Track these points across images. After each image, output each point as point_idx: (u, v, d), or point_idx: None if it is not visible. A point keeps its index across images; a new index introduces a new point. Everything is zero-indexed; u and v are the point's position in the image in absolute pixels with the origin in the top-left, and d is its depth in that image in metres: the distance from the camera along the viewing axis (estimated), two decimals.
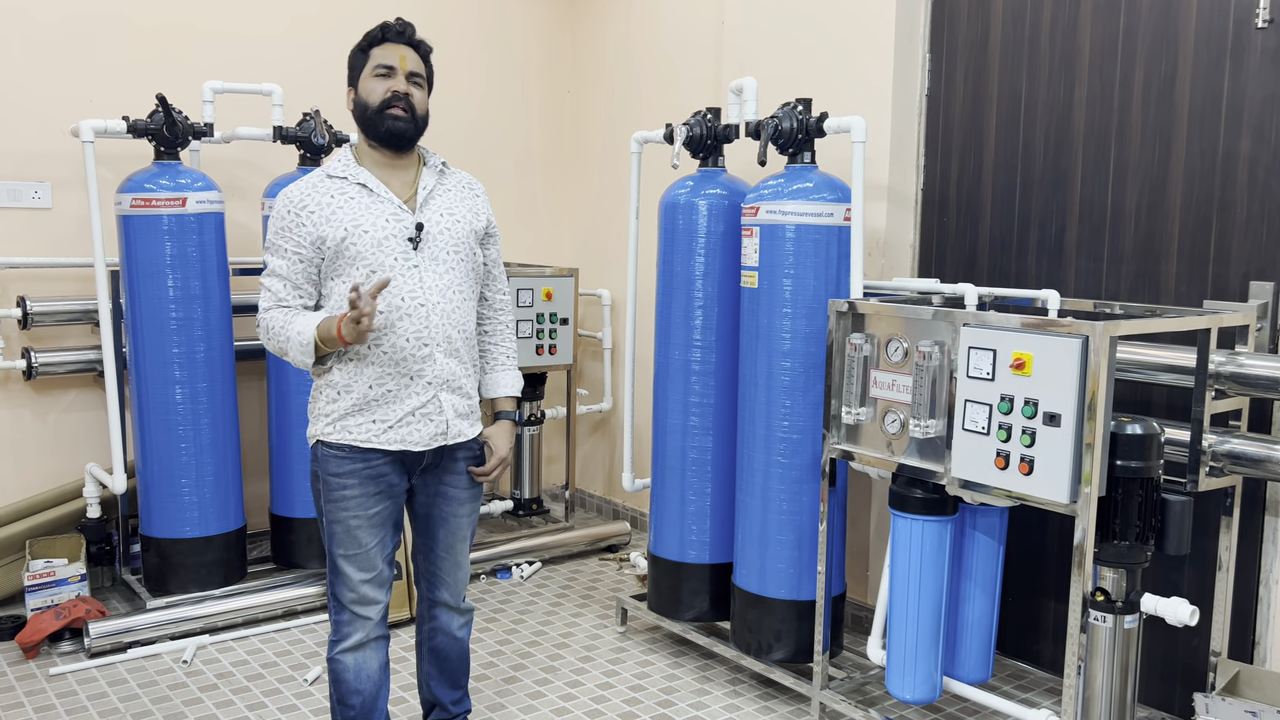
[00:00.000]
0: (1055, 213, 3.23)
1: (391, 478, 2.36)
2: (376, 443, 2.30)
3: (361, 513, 2.33)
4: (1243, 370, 2.57)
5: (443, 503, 2.46)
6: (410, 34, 2.37)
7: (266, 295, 2.31)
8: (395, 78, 2.31)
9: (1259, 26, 2.75)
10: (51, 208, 3.93)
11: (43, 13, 3.85)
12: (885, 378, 2.75)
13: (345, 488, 2.32)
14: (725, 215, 3.28)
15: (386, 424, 2.30)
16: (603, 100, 4.96)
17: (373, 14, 4.54)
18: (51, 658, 3.41)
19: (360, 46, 2.36)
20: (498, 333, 2.56)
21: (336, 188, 2.30)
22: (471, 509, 2.51)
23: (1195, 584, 2.93)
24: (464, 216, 2.39)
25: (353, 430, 2.31)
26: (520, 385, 2.57)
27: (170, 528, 3.65)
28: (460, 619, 2.59)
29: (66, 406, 4.01)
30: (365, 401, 2.30)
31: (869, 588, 3.72)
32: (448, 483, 2.45)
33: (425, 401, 2.32)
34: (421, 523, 2.50)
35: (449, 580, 2.53)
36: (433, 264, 2.31)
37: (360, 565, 2.36)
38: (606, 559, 4.49)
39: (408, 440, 2.32)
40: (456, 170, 2.47)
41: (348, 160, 2.35)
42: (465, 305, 2.38)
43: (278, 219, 2.30)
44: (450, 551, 2.50)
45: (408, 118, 2.31)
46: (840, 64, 3.64)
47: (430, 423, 2.34)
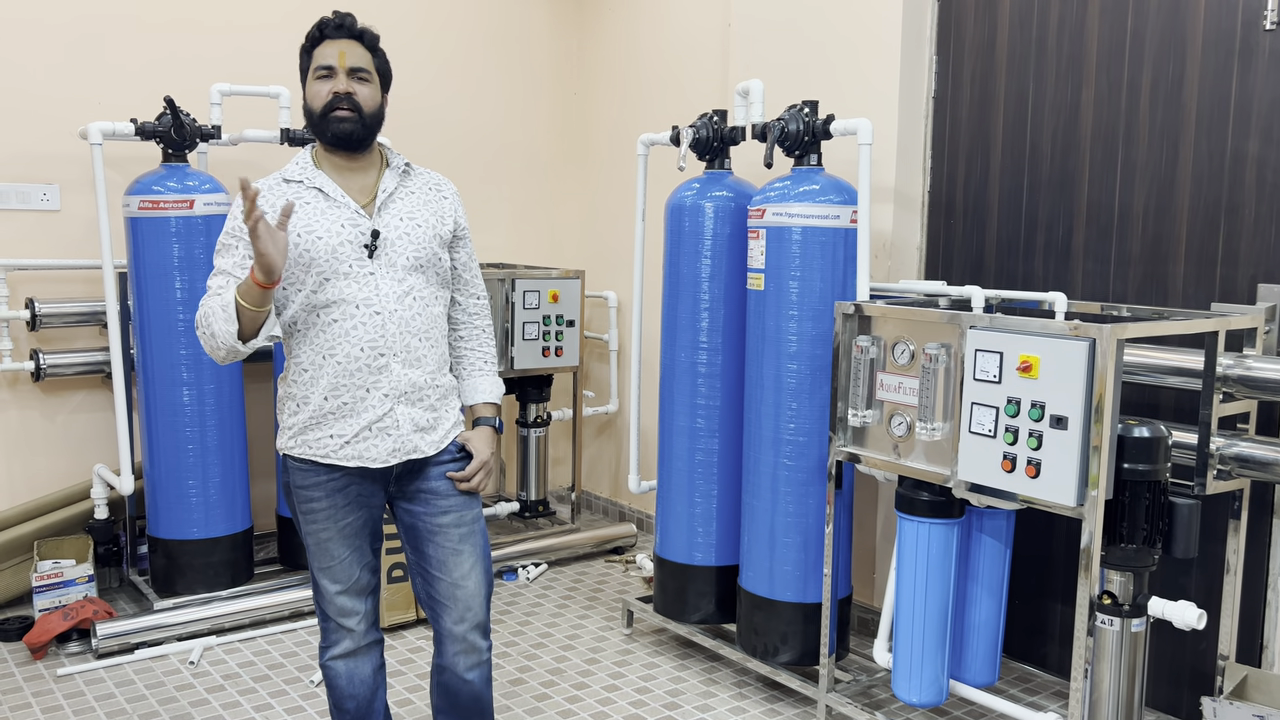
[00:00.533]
0: (1062, 215, 3.23)
1: (360, 489, 2.24)
2: (334, 458, 2.18)
3: (331, 525, 2.23)
4: (1251, 373, 2.56)
5: (424, 512, 2.28)
6: (350, 26, 2.22)
7: (206, 295, 2.16)
8: (335, 77, 2.18)
9: (1267, 28, 2.75)
10: (60, 210, 3.94)
11: (51, 16, 3.86)
12: (892, 380, 2.75)
13: (313, 500, 2.22)
14: (731, 217, 3.28)
15: (343, 439, 2.18)
16: (609, 102, 4.96)
17: (380, 17, 4.55)
18: (59, 658, 3.42)
19: (304, 47, 2.24)
20: (473, 338, 2.41)
21: (292, 192, 2.20)
22: (458, 519, 2.28)
23: (1203, 587, 2.92)
24: (426, 220, 2.25)
25: (312, 445, 2.19)
26: (500, 391, 2.42)
27: (177, 529, 3.66)
28: (468, 658, 2.30)
29: (74, 408, 4.03)
30: (322, 414, 2.18)
31: (875, 590, 3.72)
32: (427, 489, 2.28)
33: (381, 415, 2.18)
34: (411, 536, 2.32)
35: (447, 605, 2.28)
36: (390, 270, 2.18)
37: (335, 577, 2.26)
38: (612, 561, 4.49)
39: (365, 456, 2.19)
40: (424, 171, 2.35)
41: (306, 163, 2.23)
42: (427, 312, 2.23)
43: (231, 219, 2.20)
44: (443, 569, 2.27)
45: (354, 118, 2.18)
46: (847, 66, 3.63)
47: (388, 438, 2.19)
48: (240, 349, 2.10)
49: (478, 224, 4.95)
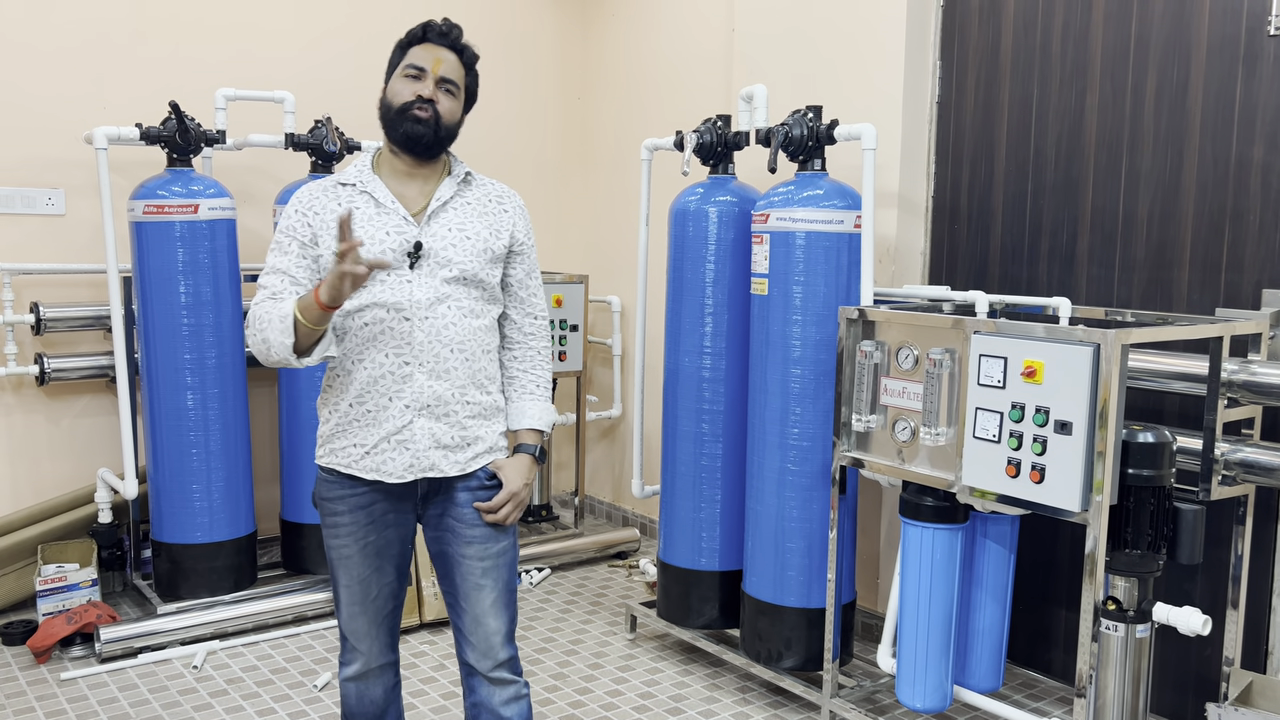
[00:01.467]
0: (1067, 220, 3.22)
1: (387, 507, 2.15)
2: (355, 469, 2.11)
3: (353, 541, 2.15)
4: (1255, 378, 2.56)
5: (452, 539, 2.18)
6: (454, 37, 2.16)
7: (260, 293, 2.11)
8: (424, 81, 2.12)
9: (1272, 33, 2.74)
10: (65, 214, 3.95)
11: (56, 21, 3.88)
12: (896, 385, 2.75)
13: (336, 513, 2.15)
14: (735, 222, 3.28)
15: (364, 448, 2.11)
16: (613, 107, 4.97)
17: (385, 21, 4.56)
18: (63, 662, 3.42)
19: (400, 44, 2.18)
20: (527, 359, 2.28)
21: (345, 196, 2.15)
22: (482, 552, 2.17)
23: (1208, 593, 2.92)
24: (478, 233, 2.16)
25: (338, 454, 2.13)
26: (550, 419, 2.28)
27: (181, 533, 3.66)
28: (502, 692, 2.19)
29: (79, 412, 4.03)
30: (347, 421, 2.11)
31: (879, 596, 3.71)
32: (454, 516, 2.18)
33: (400, 427, 2.10)
34: (439, 563, 2.23)
35: (470, 639, 2.19)
36: (428, 279, 2.10)
37: (352, 596, 2.18)
38: (616, 566, 4.49)
39: (381, 469, 2.11)
40: (488, 181, 2.25)
41: (363, 167, 2.18)
42: (464, 323, 2.13)
43: (285, 218, 2.15)
44: (466, 601, 2.17)
45: (429, 123, 2.10)
46: (851, 71, 3.64)
47: (405, 451, 2.10)
48: (294, 362, 2.04)
49: None
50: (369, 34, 4.53)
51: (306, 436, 3.88)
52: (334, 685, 3.28)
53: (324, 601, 3.77)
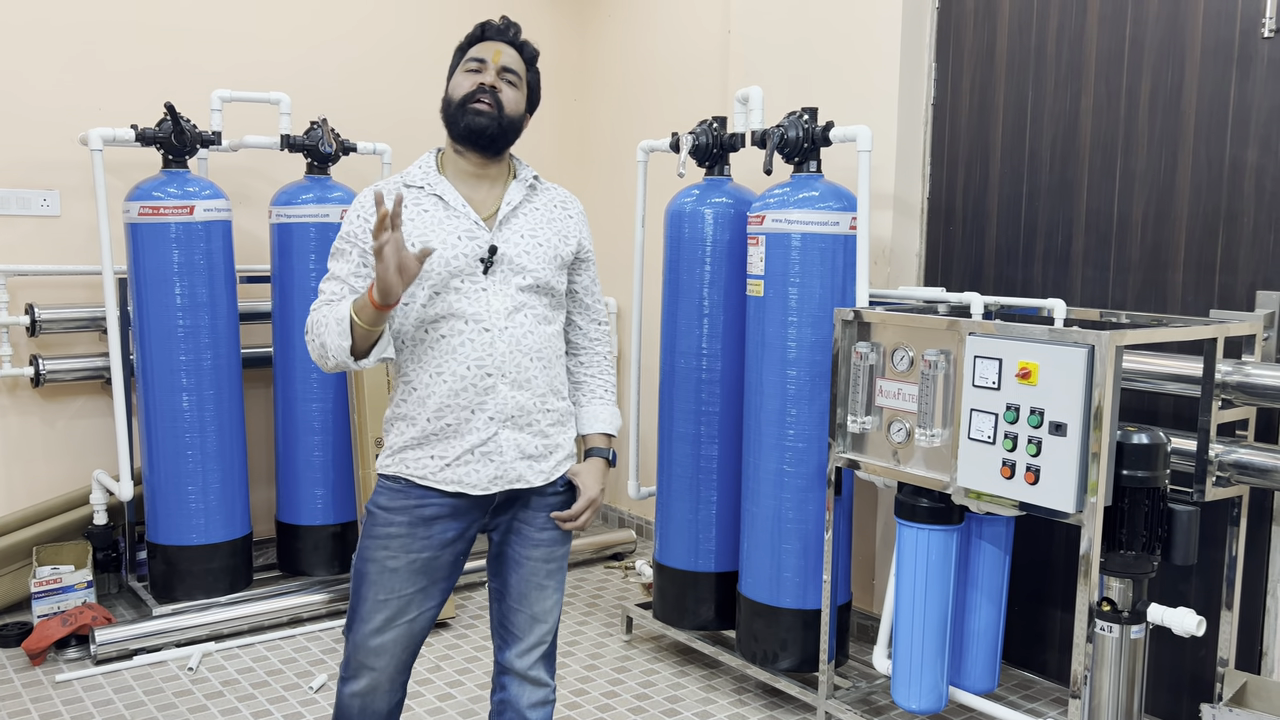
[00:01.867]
0: (1061, 222, 3.23)
1: (446, 527, 2.10)
2: (432, 480, 2.06)
3: (402, 554, 2.08)
4: (1250, 380, 2.56)
5: (517, 540, 2.16)
6: (513, 33, 2.13)
7: (319, 299, 2.07)
8: (485, 71, 2.08)
9: (1265, 36, 2.75)
10: (60, 215, 3.95)
11: (53, 22, 3.87)
12: (891, 386, 2.75)
13: (391, 524, 2.08)
14: (731, 224, 3.28)
15: (444, 460, 2.05)
16: (609, 109, 4.97)
17: (382, 24, 4.56)
18: (58, 664, 3.41)
19: (459, 46, 2.16)
20: (593, 364, 2.28)
21: (412, 198, 2.09)
22: (549, 554, 2.17)
23: (1202, 594, 2.93)
24: (548, 240, 2.13)
25: (410, 464, 2.07)
26: (618, 422, 2.28)
27: (177, 535, 3.65)
28: (532, 693, 2.20)
29: (74, 413, 4.03)
30: (425, 435, 2.06)
31: (875, 597, 3.72)
32: (524, 519, 2.16)
33: (485, 439, 2.06)
34: (496, 562, 2.21)
35: (519, 636, 2.18)
36: (503, 287, 2.06)
37: (386, 612, 2.09)
38: (612, 567, 4.49)
39: (464, 481, 2.06)
40: (551, 186, 2.23)
41: (429, 168, 2.12)
42: (540, 331, 2.10)
43: (347, 223, 2.10)
44: (523, 601, 2.17)
45: (492, 113, 2.05)
46: (846, 73, 3.64)
47: (490, 463, 2.07)
48: (352, 365, 2.01)
49: None
50: (366, 36, 4.53)
51: (302, 438, 3.88)
52: (330, 688, 3.28)
53: (320, 603, 3.77)
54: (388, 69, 4.59)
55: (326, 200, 3.81)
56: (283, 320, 3.87)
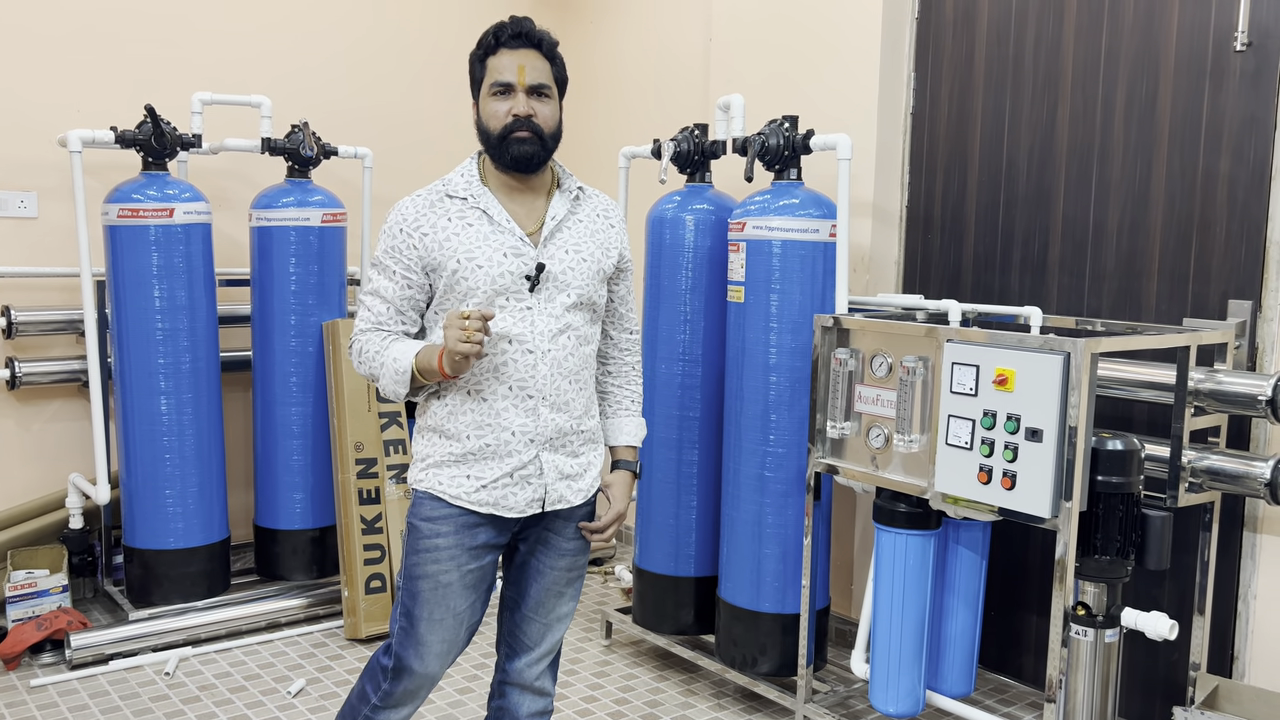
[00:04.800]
0: (1038, 230, 3.27)
1: (488, 535, 2.07)
2: (466, 501, 2.03)
3: (454, 568, 2.03)
4: (1221, 387, 2.60)
5: (543, 551, 2.14)
6: (529, 34, 2.04)
7: (365, 315, 2.05)
8: (514, 96, 2.01)
9: (1237, 49, 2.80)
10: (38, 217, 3.92)
11: (31, 22, 3.85)
12: (870, 392, 2.78)
13: (438, 535, 2.03)
14: (712, 230, 3.30)
15: (480, 482, 2.02)
16: (591, 115, 4.99)
17: (362, 27, 4.56)
18: (33, 669, 3.38)
19: (477, 55, 2.05)
20: (622, 374, 2.25)
21: (455, 210, 2.02)
22: (573, 564, 2.16)
23: (1175, 598, 2.96)
24: (592, 254, 2.09)
25: (444, 482, 2.04)
26: (644, 434, 2.27)
27: (154, 539, 3.63)
28: (533, 703, 2.21)
29: (50, 416, 4.00)
30: (463, 454, 2.02)
31: (853, 601, 3.74)
32: (554, 529, 2.13)
33: (526, 462, 2.03)
34: (515, 571, 2.18)
35: (530, 644, 2.17)
36: (548, 306, 2.02)
37: (445, 632, 2.06)
38: (592, 572, 4.49)
39: (500, 504, 2.04)
40: (594, 194, 2.18)
41: (471, 177, 2.06)
42: (580, 352, 2.07)
43: (389, 236, 2.03)
44: (540, 610, 2.16)
45: (534, 140, 2.03)
46: (827, 82, 3.67)
47: (528, 486, 2.04)
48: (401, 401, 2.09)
49: None
50: (347, 40, 4.53)
51: (281, 442, 3.86)
52: (308, 692, 3.26)
53: (297, 609, 3.75)
54: (370, 73, 4.59)
55: (307, 204, 3.81)
56: (262, 324, 3.85)
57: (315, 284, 3.83)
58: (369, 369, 2.04)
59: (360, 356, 2.06)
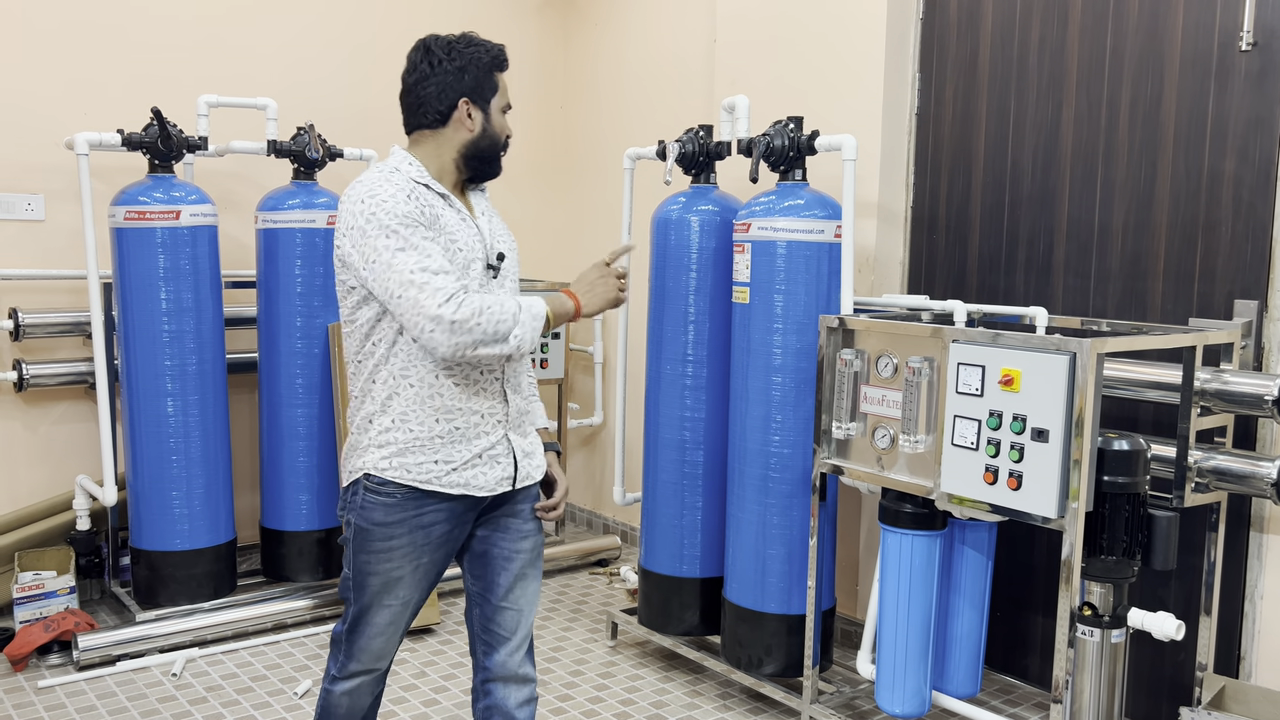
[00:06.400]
0: (1043, 231, 3.27)
1: (443, 527, 2.10)
2: (437, 485, 2.05)
3: (407, 563, 2.08)
4: (1227, 387, 2.60)
5: (504, 539, 2.18)
6: None
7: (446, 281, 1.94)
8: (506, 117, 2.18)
9: (1243, 49, 2.80)
10: (45, 220, 3.93)
11: (38, 25, 3.86)
12: (875, 393, 2.78)
13: (391, 538, 2.06)
14: (717, 231, 3.31)
15: (451, 465, 2.05)
16: (596, 116, 4.99)
17: (368, 29, 4.57)
18: (40, 670, 3.39)
19: (487, 65, 2.11)
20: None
21: (432, 197, 2.05)
22: (535, 544, 2.22)
23: (1181, 599, 2.96)
24: (512, 243, 2.22)
25: (411, 469, 2.04)
26: None
27: (160, 540, 3.64)
28: (519, 692, 2.23)
29: (57, 418, 4.01)
30: (429, 437, 2.04)
31: (859, 602, 3.74)
32: (512, 514, 2.19)
33: (495, 443, 2.10)
34: (479, 564, 2.20)
35: (507, 635, 2.20)
36: (501, 291, 2.12)
37: (394, 618, 2.13)
38: (597, 573, 4.49)
39: (472, 484, 2.08)
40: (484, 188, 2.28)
41: (421, 170, 2.08)
42: None
43: (401, 217, 1.96)
44: (510, 597, 2.20)
45: None
46: (831, 83, 3.67)
47: (497, 465, 2.11)
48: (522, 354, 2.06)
49: None
50: (352, 41, 4.54)
51: (287, 443, 3.87)
52: (314, 693, 3.27)
53: (304, 609, 3.76)
54: (375, 75, 4.60)
55: (313, 206, 3.82)
56: (268, 325, 3.86)
57: (321, 286, 3.84)
58: (494, 326, 1.95)
59: (480, 315, 1.94)
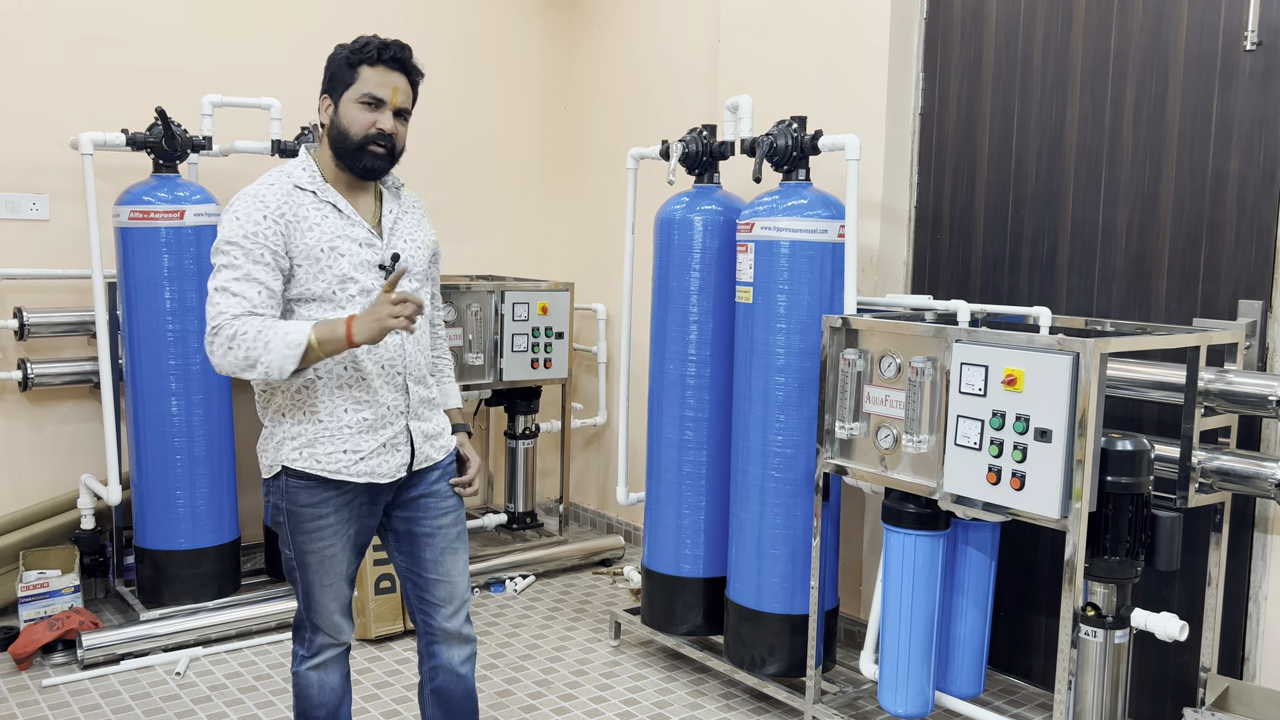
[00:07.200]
0: (1047, 231, 3.26)
1: (364, 501, 2.26)
2: (345, 474, 2.18)
3: (338, 540, 2.23)
4: (1232, 387, 2.59)
5: (423, 516, 2.33)
6: (408, 61, 2.18)
7: (234, 302, 2.05)
8: (383, 112, 2.14)
9: (1247, 49, 2.79)
10: (49, 219, 3.94)
11: (43, 25, 3.87)
12: (878, 393, 2.78)
13: (320, 517, 2.20)
14: (720, 231, 3.31)
15: (359, 455, 2.19)
16: (599, 116, 4.99)
17: (369, 28, 4.57)
18: (44, 669, 3.40)
19: (349, 59, 2.14)
20: (439, 347, 2.51)
21: (309, 201, 2.15)
22: (456, 519, 2.37)
23: (1185, 599, 2.95)
24: (423, 241, 2.32)
25: (321, 459, 2.17)
26: None
27: (164, 539, 3.65)
28: (462, 650, 2.39)
29: (62, 418, 4.02)
30: (337, 428, 2.18)
31: (862, 602, 3.74)
32: (428, 493, 2.33)
33: (397, 432, 2.24)
34: (405, 542, 2.35)
35: (442, 603, 2.35)
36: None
37: (337, 593, 2.27)
38: (600, 573, 4.50)
39: (375, 473, 2.22)
40: (405, 189, 2.36)
41: (313, 173, 2.18)
42: (424, 329, 2.32)
43: (247, 222, 2.08)
44: (440, 569, 2.34)
45: (386, 158, 2.18)
46: (835, 82, 3.67)
47: (398, 453, 2.24)
48: (278, 381, 2.11)
49: (468, 236, 4.97)
50: None
51: None
52: None
53: None
54: None
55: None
56: None
57: None
58: (244, 352, 2.03)
59: (234, 341, 2.03)
